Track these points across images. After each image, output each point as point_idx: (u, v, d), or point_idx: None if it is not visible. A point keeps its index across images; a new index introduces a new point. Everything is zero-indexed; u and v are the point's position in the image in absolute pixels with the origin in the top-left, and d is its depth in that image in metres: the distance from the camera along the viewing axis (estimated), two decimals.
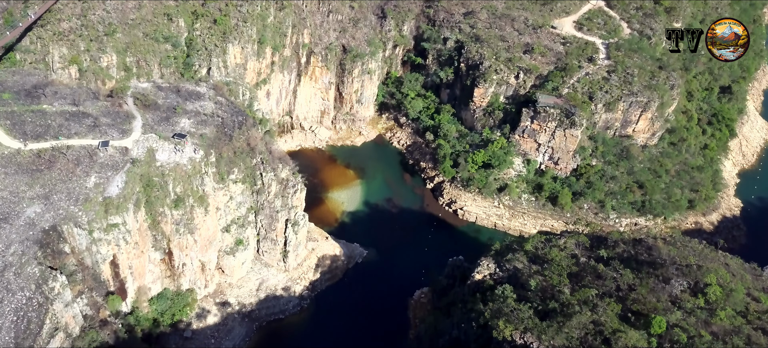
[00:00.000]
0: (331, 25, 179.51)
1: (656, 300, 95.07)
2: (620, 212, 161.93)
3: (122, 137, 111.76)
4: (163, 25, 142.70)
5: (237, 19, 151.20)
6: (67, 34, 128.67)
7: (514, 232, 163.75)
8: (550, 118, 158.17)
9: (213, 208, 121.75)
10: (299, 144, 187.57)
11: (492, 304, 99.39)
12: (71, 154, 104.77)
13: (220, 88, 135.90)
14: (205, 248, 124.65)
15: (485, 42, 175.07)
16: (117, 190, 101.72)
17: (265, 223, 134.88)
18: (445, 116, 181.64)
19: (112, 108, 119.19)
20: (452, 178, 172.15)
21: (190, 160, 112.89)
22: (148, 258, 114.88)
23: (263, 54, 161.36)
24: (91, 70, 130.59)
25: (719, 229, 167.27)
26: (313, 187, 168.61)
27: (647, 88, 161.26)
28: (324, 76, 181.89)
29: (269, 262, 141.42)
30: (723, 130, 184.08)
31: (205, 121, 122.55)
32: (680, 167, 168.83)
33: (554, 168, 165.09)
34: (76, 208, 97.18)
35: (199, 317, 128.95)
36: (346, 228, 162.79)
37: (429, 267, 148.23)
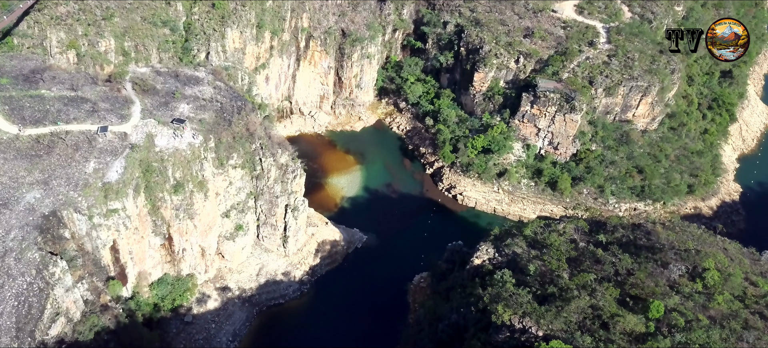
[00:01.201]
0: (331, 9, 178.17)
1: (654, 284, 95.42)
2: (620, 197, 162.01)
3: (121, 122, 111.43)
4: (162, 9, 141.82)
5: (235, 3, 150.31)
6: (64, 19, 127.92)
7: (514, 217, 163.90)
8: (550, 103, 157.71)
9: (212, 194, 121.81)
10: (298, 129, 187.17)
11: (491, 289, 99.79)
12: (70, 140, 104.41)
13: (219, 73, 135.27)
14: (205, 233, 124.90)
15: (485, 26, 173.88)
16: (116, 175, 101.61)
17: (264, 208, 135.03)
18: (444, 101, 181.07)
19: (111, 93, 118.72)
20: (452, 164, 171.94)
21: (189, 146, 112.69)
22: (149, 243, 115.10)
23: (262, 38, 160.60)
24: (89, 55, 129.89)
25: (718, 213, 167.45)
26: (313, 173, 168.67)
27: (648, 73, 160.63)
28: (323, 60, 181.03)
29: (269, 247, 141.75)
30: (723, 114, 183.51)
31: (204, 106, 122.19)
32: (680, 152, 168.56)
33: (554, 153, 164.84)
34: (76, 193, 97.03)
35: (199, 302, 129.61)
36: (345, 213, 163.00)
37: (428, 252, 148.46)
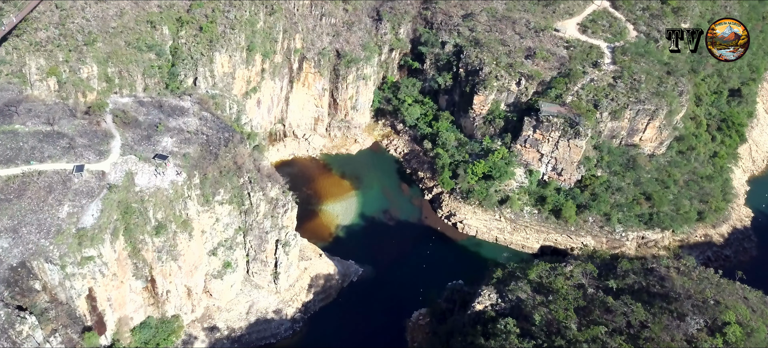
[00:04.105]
0: (324, 29, 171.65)
1: (670, 339, 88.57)
2: (627, 225, 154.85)
3: (99, 160, 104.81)
4: (146, 33, 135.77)
5: (224, 26, 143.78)
6: (44, 44, 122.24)
7: (517, 247, 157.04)
8: (554, 128, 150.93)
9: (198, 232, 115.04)
10: (292, 153, 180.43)
11: (494, 341, 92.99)
12: (43, 181, 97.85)
13: (206, 101, 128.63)
14: (190, 273, 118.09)
15: (485, 46, 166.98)
16: (92, 219, 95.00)
17: (254, 244, 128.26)
18: (443, 123, 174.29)
19: (90, 127, 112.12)
20: (451, 190, 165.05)
21: (171, 184, 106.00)
22: (129, 287, 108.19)
23: (253, 61, 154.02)
24: (70, 82, 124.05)
25: (730, 241, 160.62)
26: (307, 199, 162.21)
27: (655, 95, 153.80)
28: (317, 82, 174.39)
29: (260, 284, 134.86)
30: (733, 136, 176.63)
31: (188, 139, 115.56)
32: (689, 177, 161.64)
33: (558, 179, 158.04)
34: (47, 241, 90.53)
35: (185, 344, 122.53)
36: (340, 243, 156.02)
37: (427, 286, 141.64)
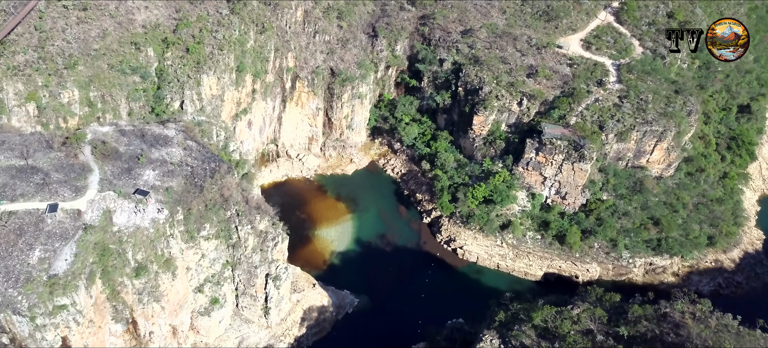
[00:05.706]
0: (318, 47, 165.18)
1: None
2: (634, 251, 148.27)
3: (75, 197, 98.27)
4: (130, 55, 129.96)
5: (212, 47, 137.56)
6: (22, 68, 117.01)
7: (519, 274, 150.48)
8: (557, 151, 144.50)
9: (182, 270, 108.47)
10: (285, 174, 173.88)
11: None
12: (13, 223, 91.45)
13: (191, 129, 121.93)
14: (175, 313, 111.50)
15: (485, 64, 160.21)
16: (65, 265, 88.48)
17: (243, 278, 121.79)
18: (442, 143, 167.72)
19: (67, 160, 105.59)
20: (451, 214, 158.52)
21: (152, 222, 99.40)
22: (108, 331, 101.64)
23: (243, 82, 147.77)
24: (50, 107, 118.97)
25: (741, 266, 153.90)
26: (300, 224, 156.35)
27: (663, 116, 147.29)
28: (311, 101, 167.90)
29: (250, 318, 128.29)
30: (743, 154, 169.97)
31: (172, 171, 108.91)
32: (698, 200, 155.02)
33: (561, 203, 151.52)
34: (15, 291, 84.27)
35: None
36: (335, 271, 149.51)
37: (426, 318, 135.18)
